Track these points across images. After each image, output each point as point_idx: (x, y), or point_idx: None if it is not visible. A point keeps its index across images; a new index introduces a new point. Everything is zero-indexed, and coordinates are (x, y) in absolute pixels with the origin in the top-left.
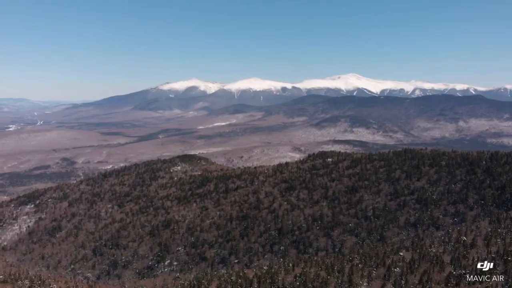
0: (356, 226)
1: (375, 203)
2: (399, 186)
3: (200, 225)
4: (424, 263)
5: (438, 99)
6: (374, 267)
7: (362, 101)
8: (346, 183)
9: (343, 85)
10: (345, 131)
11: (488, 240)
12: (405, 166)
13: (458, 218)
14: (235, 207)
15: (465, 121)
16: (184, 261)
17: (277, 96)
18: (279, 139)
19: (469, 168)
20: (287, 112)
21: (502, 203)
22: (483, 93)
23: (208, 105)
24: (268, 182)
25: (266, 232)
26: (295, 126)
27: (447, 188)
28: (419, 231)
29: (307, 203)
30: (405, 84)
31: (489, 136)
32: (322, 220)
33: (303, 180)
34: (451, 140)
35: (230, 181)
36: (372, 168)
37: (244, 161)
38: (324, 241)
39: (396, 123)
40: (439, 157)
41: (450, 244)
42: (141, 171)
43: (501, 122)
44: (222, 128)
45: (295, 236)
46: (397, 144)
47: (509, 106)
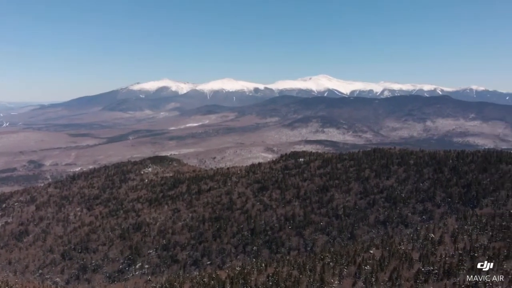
0: (327, 225)
1: (346, 202)
2: (369, 185)
3: (172, 227)
4: (393, 260)
5: (406, 100)
6: (345, 265)
7: (333, 102)
8: (318, 183)
9: (314, 86)
10: (317, 131)
11: (455, 237)
12: (374, 165)
13: (426, 216)
14: (208, 209)
15: (432, 121)
16: (156, 264)
17: (249, 97)
18: (252, 140)
19: (437, 167)
20: (259, 112)
21: (468, 201)
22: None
23: (180, 105)
24: (241, 182)
25: (239, 233)
26: (268, 127)
27: (415, 187)
28: (388, 229)
29: (279, 203)
30: (374, 85)
31: (455, 136)
32: (294, 219)
33: (276, 180)
34: (419, 139)
35: (202, 182)
36: (343, 168)
37: (217, 162)
38: (296, 241)
39: (365, 123)
40: (407, 156)
41: (419, 241)
42: (110, 173)
43: (467, 121)
44: (195, 129)
45: (268, 236)
46: (367, 143)
47: (474, 106)
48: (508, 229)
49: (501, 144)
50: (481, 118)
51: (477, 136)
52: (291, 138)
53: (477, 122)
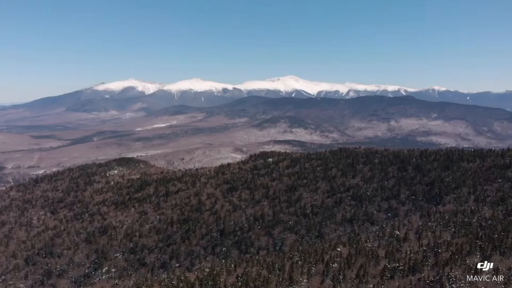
0: (295, 224)
1: (314, 200)
2: (336, 183)
3: (139, 230)
4: (360, 257)
5: (371, 100)
6: (313, 263)
7: (300, 102)
8: (286, 182)
9: (282, 86)
10: (285, 132)
11: (419, 233)
12: (340, 164)
13: (391, 213)
14: (176, 210)
15: (396, 121)
16: (123, 268)
17: (218, 97)
18: (221, 140)
19: (401, 165)
20: (228, 113)
21: (431, 198)
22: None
23: (147, 106)
24: (210, 183)
25: (208, 234)
26: (237, 127)
27: (380, 185)
28: (355, 227)
29: (248, 203)
30: (340, 85)
31: (418, 135)
32: (263, 219)
33: (245, 181)
34: (383, 138)
35: (170, 184)
36: (310, 167)
37: (185, 163)
38: (265, 240)
39: (332, 123)
40: (372, 155)
41: (384, 239)
42: (75, 176)
43: (429, 121)
44: (162, 130)
45: (237, 237)
46: (333, 143)
47: (437, 106)
48: (470, 225)
49: (463, 142)
50: (443, 117)
51: (440, 135)
52: (260, 138)
53: (439, 122)
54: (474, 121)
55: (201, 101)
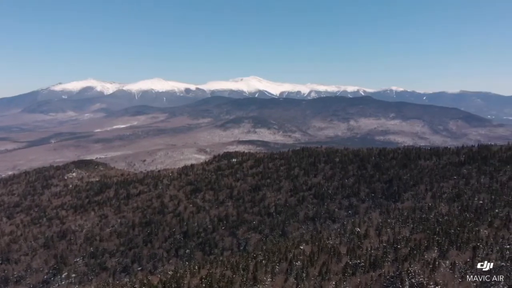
0: (259, 223)
1: (277, 200)
2: (298, 182)
3: (99, 234)
4: (323, 255)
5: (331, 101)
6: (277, 262)
7: (264, 102)
8: (250, 182)
9: (246, 87)
10: (249, 132)
11: (379, 230)
12: (303, 163)
13: (351, 211)
14: (138, 213)
15: (355, 121)
16: (83, 273)
17: (180, 97)
18: (184, 141)
19: (360, 164)
20: (191, 113)
21: (390, 195)
22: (371, 94)
23: (106, 106)
24: (173, 185)
25: (171, 237)
26: (200, 128)
27: (341, 183)
28: (317, 225)
29: (212, 204)
30: (302, 86)
31: (377, 134)
32: (227, 220)
33: (209, 182)
34: (344, 138)
35: (131, 186)
36: (274, 167)
37: (147, 165)
38: (229, 241)
39: (294, 124)
40: (333, 154)
41: (346, 236)
42: (32, 179)
43: (387, 121)
44: (122, 131)
45: (201, 238)
46: (296, 143)
47: (394, 106)
48: (428, 221)
49: (419, 141)
50: (400, 117)
51: (397, 134)
52: (223, 139)
53: (397, 121)
54: (430, 121)
55: (163, 102)
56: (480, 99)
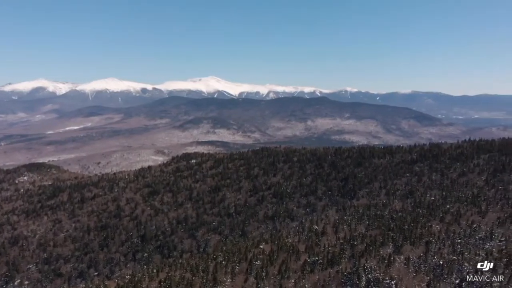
0: (219, 224)
1: (237, 200)
2: (258, 182)
3: (53, 239)
4: (282, 253)
5: (289, 101)
6: (237, 262)
7: (223, 103)
8: (210, 183)
9: (204, 87)
10: (208, 132)
11: (336, 227)
12: (262, 163)
13: (309, 209)
14: (93, 217)
15: (312, 121)
16: (37, 279)
17: (137, 98)
18: (141, 142)
19: (317, 162)
20: (148, 114)
21: (346, 193)
22: (327, 95)
23: (59, 107)
24: (129, 188)
25: (128, 241)
26: (158, 128)
27: (299, 182)
28: (276, 224)
29: (171, 206)
30: (261, 87)
31: (333, 134)
32: (186, 222)
33: (167, 183)
34: (301, 138)
35: (86, 189)
36: (234, 167)
37: (101, 167)
38: (189, 243)
39: (253, 124)
40: (291, 154)
41: (304, 234)
42: None
43: (343, 120)
44: (76, 133)
45: (159, 241)
46: (255, 143)
47: (349, 107)
48: (382, 217)
49: (373, 140)
50: (355, 117)
51: (352, 134)
52: (182, 140)
53: (352, 121)
54: (384, 120)
55: (118, 102)
56: (431, 99)
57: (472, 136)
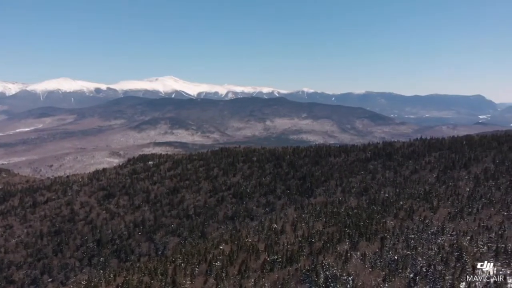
0: (178, 226)
1: (196, 201)
2: (217, 183)
3: (4, 245)
4: (242, 253)
5: (248, 101)
6: (197, 264)
7: (181, 103)
8: (168, 185)
9: (161, 87)
10: (166, 133)
11: (295, 225)
12: (222, 164)
13: (269, 208)
14: (46, 222)
15: (271, 121)
16: None
17: (90, 98)
18: (95, 144)
19: (276, 162)
20: (102, 114)
21: (304, 192)
22: (285, 95)
23: (8, 108)
24: (83, 191)
25: (83, 245)
26: (113, 130)
27: (259, 181)
28: (236, 224)
29: (127, 209)
30: (219, 87)
31: (291, 133)
32: (144, 225)
33: (123, 186)
34: (260, 138)
35: (38, 193)
36: (193, 168)
37: (54, 170)
38: (146, 246)
39: (212, 124)
40: (251, 153)
41: (264, 233)
42: None
43: (300, 120)
44: (26, 134)
45: (116, 245)
46: (214, 143)
47: (306, 107)
48: (339, 214)
49: (329, 139)
50: (312, 117)
51: (309, 133)
52: (138, 141)
53: (309, 121)
54: (339, 120)
55: (71, 102)
56: (384, 99)
57: (423, 135)
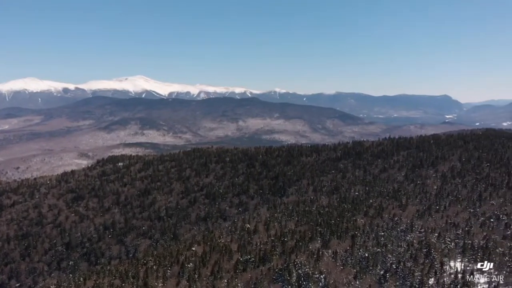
0: (149, 228)
1: (168, 203)
2: (190, 183)
3: None
4: (214, 254)
5: (220, 101)
6: (169, 266)
7: (152, 103)
8: (139, 186)
9: (131, 87)
10: (136, 134)
11: (267, 225)
12: (194, 164)
13: (242, 208)
14: (13, 226)
15: (244, 121)
16: None
17: (58, 98)
18: (63, 145)
19: (249, 162)
20: (71, 115)
21: (276, 191)
22: (257, 95)
23: None
24: (51, 194)
25: (52, 249)
26: (81, 130)
27: (232, 182)
28: (209, 224)
29: (97, 211)
30: (191, 87)
31: (264, 133)
32: (114, 227)
33: (92, 188)
34: (233, 138)
35: (4, 196)
36: (164, 169)
37: (21, 172)
38: (117, 249)
39: (184, 124)
40: (223, 154)
41: (237, 233)
42: None
43: (273, 120)
44: None
45: (86, 248)
46: (187, 144)
47: (278, 107)
48: (311, 213)
49: (301, 139)
50: (284, 117)
51: (282, 133)
52: (108, 142)
53: (281, 121)
54: (310, 120)
55: (38, 103)
56: (354, 99)
57: (391, 134)
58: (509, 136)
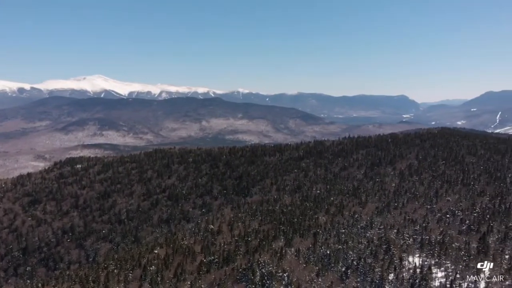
0: (110, 232)
1: (129, 205)
2: (151, 185)
3: None
4: (178, 256)
5: (183, 101)
6: (130, 269)
7: (111, 103)
8: (98, 189)
9: (90, 86)
10: (95, 135)
11: (231, 225)
12: (156, 165)
13: (205, 209)
14: None
15: (207, 121)
16: None
17: (12, 98)
18: (18, 147)
19: (213, 162)
20: (26, 116)
21: (240, 191)
22: (220, 95)
23: None
24: (7, 197)
25: (8, 254)
26: (37, 132)
27: (195, 183)
28: (171, 226)
29: (55, 215)
30: (152, 87)
31: (227, 133)
32: (73, 231)
33: (50, 191)
34: (196, 138)
35: None
36: (125, 171)
37: None
38: (76, 253)
39: (146, 125)
40: (186, 154)
41: (200, 234)
42: None
43: (236, 121)
44: None
45: (44, 253)
46: (148, 145)
47: (242, 107)
48: (274, 212)
49: (264, 139)
50: (247, 117)
51: (245, 133)
52: (66, 143)
53: (244, 121)
54: (273, 120)
55: None
56: (315, 99)
57: (351, 134)
58: (463, 134)
